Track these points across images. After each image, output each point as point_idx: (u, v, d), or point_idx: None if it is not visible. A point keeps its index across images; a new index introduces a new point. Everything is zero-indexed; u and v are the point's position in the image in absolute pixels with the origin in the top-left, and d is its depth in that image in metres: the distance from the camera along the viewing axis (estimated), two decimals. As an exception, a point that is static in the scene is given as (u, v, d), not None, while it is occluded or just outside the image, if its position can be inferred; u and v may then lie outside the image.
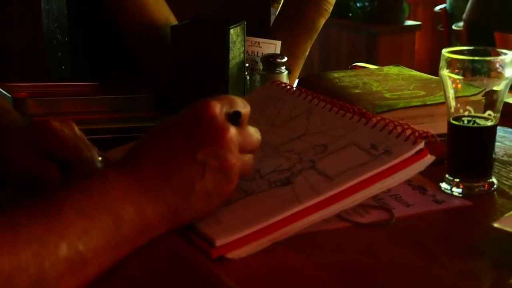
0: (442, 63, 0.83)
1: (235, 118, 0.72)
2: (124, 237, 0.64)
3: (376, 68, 1.24)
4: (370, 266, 0.68)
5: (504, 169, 0.94)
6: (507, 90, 0.84)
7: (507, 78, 0.82)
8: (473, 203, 0.82)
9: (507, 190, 0.87)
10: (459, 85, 0.83)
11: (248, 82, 1.25)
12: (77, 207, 0.62)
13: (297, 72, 1.43)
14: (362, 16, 3.66)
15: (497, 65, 0.82)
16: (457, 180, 0.85)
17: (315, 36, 1.44)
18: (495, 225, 0.68)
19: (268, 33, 1.41)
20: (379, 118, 0.83)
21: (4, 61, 1.44)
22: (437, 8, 4.25)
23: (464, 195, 0.84)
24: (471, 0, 3.73)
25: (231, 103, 0.73)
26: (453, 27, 3.96)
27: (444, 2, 4.24)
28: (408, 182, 0.88)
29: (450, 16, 4.09)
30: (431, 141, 0.77)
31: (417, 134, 0.77)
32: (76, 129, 0.82)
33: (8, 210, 0.61)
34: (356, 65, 1.47)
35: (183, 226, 0.70)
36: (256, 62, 1.27)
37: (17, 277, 0.55)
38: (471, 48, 0.85)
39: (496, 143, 1.02)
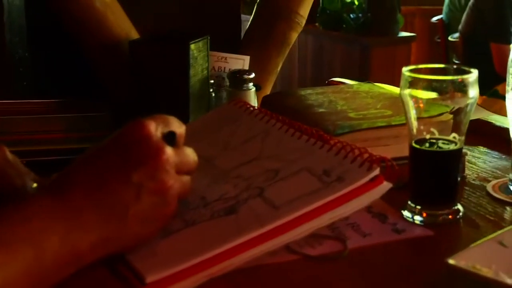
0: (403, 82, 0.78)
1: (170, 138, 0.70)
2: (48, 269, 0.60)
3: (346, 85, 1.19)
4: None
5: (473, 195, 0.88)
6: (472, 111, 0.79)
7: (471, 98, 0.77)
8: (435, 233, 0.77)
9: (474, 218, 0.81)
10: (421, 105, 0.78)
11: (214, 100, 1.20)
12: None
13: (268, 88, 1.39)
14: (355, 28, 3.61)
15: (462, 85, 0.77)
16: (419, 207, 0.80)
17: (286, 51, 1.40)
18: (450, 261, 0.63)
19: (239, 48, 1.36)
20: (336, 141, 0.78)
21: None
22: (434, 19, 4.21)
23: (427, 224, 0.79)
24: (466, 11, 3.69)
25: (166, 123, 0.71)
26: (449, 38, 3.92)
27: (441, 13, 4.20)
28: (368, 209, 0.83)
29: (447, 27, 4.06)
30: (388, 167, 0.73)
31: (372, 158, 0.72)
32: (8, 153, 0.77)
33: None
34: (332, 80, 1.42)
35: (115, 254, 0.66)
36: (223, 78, 1.23)
37: None
38: (434, 66, 0.80)
39: (469, 165, 0.98)
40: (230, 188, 0.76)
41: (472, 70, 0.77)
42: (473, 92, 0.77)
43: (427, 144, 0.79)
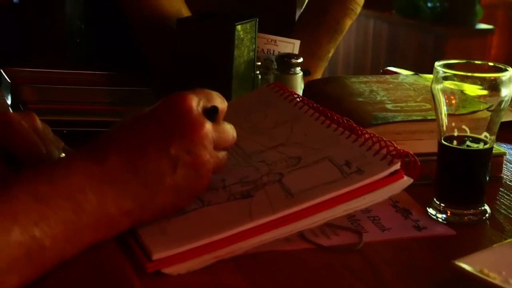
0: (435, 77, 0.77)
1: (212, 113, 0.71)
2: (84, 227, 0.62)
3: (391, 76, 1.17)
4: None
5: (506, 197, 0.86)
6: (505, 110, 0.76)
7: (504, 97, 0.75)
8: (458, 233, 0.76)
9: (501, 220, 0.80)
10: (454, 101, 0.77)
11: (261, 82, 1.20)
12: (34, 192, 0.60)
13: (318, 74, 1.39)
14: (431, 17, 3.54)
15: (495, 83, 0.75)
16: (443, 205, 0.79)
17: (339, 38, 1.39)
18: (457, 263, 0.61)
19: (291, 31, 1.36)
20: (364, 132, 0.77)
21: (24, 45, 1.45)
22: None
23: (451, 223, 0.78)
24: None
25: (209, 98, 0.72)
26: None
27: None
28: (394, 203, 0.82)
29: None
30: (412, 162, 0.72)
31: (395, 153, 0.72)
32: (38, 121, 0.79)
33: None
34: (387, 69, 1.40)
35: (146, 223, 0.68)
36: (272, 61, 1.23)
37: None
38: (468, 61, 0.79)
39: (509, 165, 0.95)
40: (251, 171, 0.77)
41: (508, 68, 0.75)
42: (506, 91, 0.75)
43: (456, 142, 0.77)
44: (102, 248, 0.65)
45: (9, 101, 1.12)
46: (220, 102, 0.73)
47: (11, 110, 1.10)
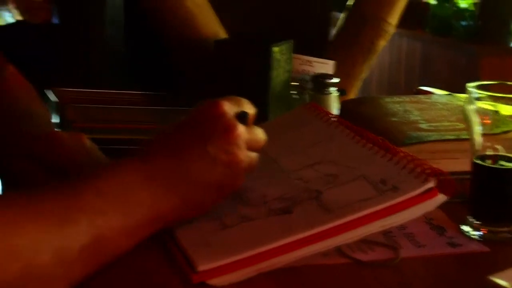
0: (467, 97, 0.79)
1: (242, 117, 0.76)
2: (138, 221, 0.69)
3: (425, 96, 1.20)
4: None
5: None
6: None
7: (537, 117, 0.77)
8: (492, 250, 0.77)
9: None
10: (487, 121, 0.79)
11: (297, 102, 1.23)
12: (95, 189, 0.67)
13: (353, 94, 1.41)
14: (465, 35, 3.54)
15: (528, 103, 0.77)
16: (478, 223, 0.81)
17: (373, 58, 1.42)
18: (491, 278, 0.64)
19: (325, 52, 1.39)
20: (398, 151, 0.80)
21: (65, 66, 1.50)
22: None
23: (485, 240, 0.79)
24: None
25: (239, 104, 0.78)
26: None
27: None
28: (429, 220, 0.84)
29: None
30: (446, 180, 0.74)
31: (429, 171, 0.74)
32: (86, 141, 0.85)
33: (33, 190, 0.67)
34: (420, 89, 1.43)
35: (189, 219, 0.74)
36: (307, 81, 1.26)
37: (41, 243, 0.60)
38: (501, 82, 0.81)
39: None
40: (289, 188, 0.79)
41: None
42: None
43: (490, 161, 0.79)
44: (147, 256, 0.70)
45: (57, 120, 1.17)
46: (249, 108, 0.79)
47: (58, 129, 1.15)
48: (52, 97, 1.20)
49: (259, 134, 0.79)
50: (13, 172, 0.85)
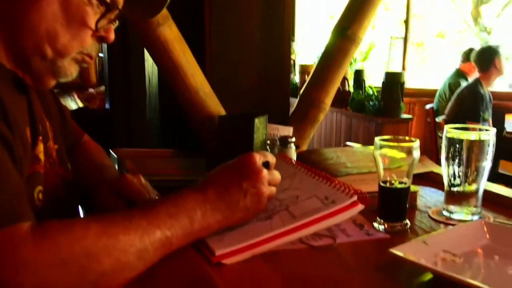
0: (375, 146, 0.87)
1: (267, 164, 0.79)
2: (194, 230, 0.70)
3: (350, 147, 1.27)
4: (311, 275, 0.71)
5: (419, 215, 0.95)
6: (415, 166, 0.87)
7: (414, 158, 0.86)
8: (392, 237, 0.84)
9: (417, 229, 0.88)
10: (386, 161, 0.87)
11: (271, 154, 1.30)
12: (167, 210, 0.68)
13: (304, 147, 1.45)
14: (373, 111, 3.65)
15: (409, 149, 0.86)
16: (382, 221, 0.87)
17: (316, 125, 1.46)
18: (392, 250, 0.71)
19: (287, 122, 1.46)
20: (335, 180, 0.86)
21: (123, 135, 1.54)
22: (427, 106, 4.21)
23: (387, 231, 0.86)
24: (451, 101, 3.70)
25: (265, 155, 0.80)
26: (436, 120, 3.91)
27: (432, 102, 4.20)
28: (354, 220, 0.90)
29: (436, 112, 4.05)
30: (363, 196, 0.81)
31: (352, 191, 0.81)
32: (143, 179, 0.89)
33: (125, 210, 0.70)
34: (346, 144, 1.50)
35: (227, 228, 0.75)
36: (276, 140, 1.33)
37: (129, 246, 0.62)
38: (395, 137, 0.87)
39: (421, 198, 1.04)
40: (270, 205, 0.84)
41: (416, 140, 0.86)
42: (416, 153, 0.85)
43: (388, 184, 0.87)
44: (186, 252, 0.73)
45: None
46: (271, 158, 0.80)
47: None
48: (114, 154, 1.24)
49: (277, 175, 0.80)
50: (101, 203, 0.86)
